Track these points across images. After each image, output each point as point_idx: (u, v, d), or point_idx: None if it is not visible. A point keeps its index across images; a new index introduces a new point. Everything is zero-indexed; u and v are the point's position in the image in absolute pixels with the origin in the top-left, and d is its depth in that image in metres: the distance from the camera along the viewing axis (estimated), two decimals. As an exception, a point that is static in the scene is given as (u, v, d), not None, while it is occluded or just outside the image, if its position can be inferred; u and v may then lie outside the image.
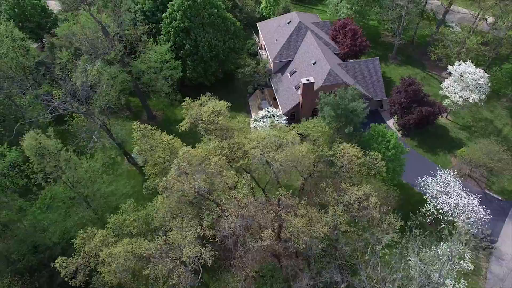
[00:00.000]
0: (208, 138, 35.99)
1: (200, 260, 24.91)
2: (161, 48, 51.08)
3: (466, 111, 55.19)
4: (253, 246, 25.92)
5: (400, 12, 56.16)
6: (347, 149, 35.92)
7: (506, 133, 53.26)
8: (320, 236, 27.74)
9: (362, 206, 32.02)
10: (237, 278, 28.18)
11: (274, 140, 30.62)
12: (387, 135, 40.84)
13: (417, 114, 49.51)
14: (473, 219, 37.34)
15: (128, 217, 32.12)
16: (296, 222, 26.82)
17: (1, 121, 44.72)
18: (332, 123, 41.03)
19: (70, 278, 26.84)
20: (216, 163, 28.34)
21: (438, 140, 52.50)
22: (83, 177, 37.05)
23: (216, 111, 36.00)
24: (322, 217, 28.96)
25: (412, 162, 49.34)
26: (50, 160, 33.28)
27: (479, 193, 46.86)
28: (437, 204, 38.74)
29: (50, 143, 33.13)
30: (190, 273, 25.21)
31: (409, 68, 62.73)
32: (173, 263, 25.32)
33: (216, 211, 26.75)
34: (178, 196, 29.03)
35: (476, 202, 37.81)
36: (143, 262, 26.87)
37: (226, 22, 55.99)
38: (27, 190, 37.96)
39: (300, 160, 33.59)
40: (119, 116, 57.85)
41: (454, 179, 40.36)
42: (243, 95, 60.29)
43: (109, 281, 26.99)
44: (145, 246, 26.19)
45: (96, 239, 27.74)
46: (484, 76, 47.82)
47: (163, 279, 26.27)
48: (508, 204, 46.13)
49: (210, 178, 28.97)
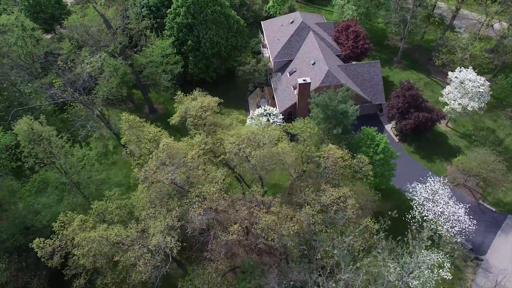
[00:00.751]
0: (195, 132, 36.68)
1: (165, 249, 25.61)
2: (163, 42, 52.16)
3: (468, 119, 54.05)
4: (222, 240, 26.44)
5: (404, 16, 55.31)
6: (332, 151, 35.96)
7: (507, 143, 51.83)
8: (292, 235, 27.94)
9: (339, 207, 32.07)
10: (207, 271, 28.78)
11: (249, 136, 30.98)
12: (376, 138, 40.54)
13: (414, 120, 48.83)
14: (457, 228, 36.67)
15: (111, 204, 33.20)
16: (267, 219, 27.17)
17: (5, 107, 46.73)
18: (322, 123, 41.02)
19: (46, 259, 28.07)
20: (193, 157, 28.97)
21: (436, 147, 51.60)
22: (74, 163, 38.44)
23: (204, 106, 36.66)
24: (295, 215, 29.16)
25: (406, 168, 48.90)
26: (41, 145, 34.69)
27: (473, 203, 46.01)
28: (422, 211, 38.23)
29: (42, 129, 34.52)
30: (157, 261, 25.94)
31: (413, 73, 61.74)
32: (141, 250, 26.13)
33: (186, 203, 27.41)
34: (158, 187, 29.92)
35: (462, 212, 37.12)
36: (117, 248, 27.81)
37: (229, 19, 56.58)
38: (20, 173, 39.64)
39: (280, 158, 33.91)
40: (121, 108, 59.49)
41: (443, 187, 39.68)
42: (244, 92, 60.81)
43: (84, 264, 28.04)
44: (117, 233, 27.07)
45: (74, 224, 28.86)
46: (485, 84, 46.68)
47: (133, 266, 27.14)
48: (502, 217, 45.00)
49: (188, 171, 29.66)
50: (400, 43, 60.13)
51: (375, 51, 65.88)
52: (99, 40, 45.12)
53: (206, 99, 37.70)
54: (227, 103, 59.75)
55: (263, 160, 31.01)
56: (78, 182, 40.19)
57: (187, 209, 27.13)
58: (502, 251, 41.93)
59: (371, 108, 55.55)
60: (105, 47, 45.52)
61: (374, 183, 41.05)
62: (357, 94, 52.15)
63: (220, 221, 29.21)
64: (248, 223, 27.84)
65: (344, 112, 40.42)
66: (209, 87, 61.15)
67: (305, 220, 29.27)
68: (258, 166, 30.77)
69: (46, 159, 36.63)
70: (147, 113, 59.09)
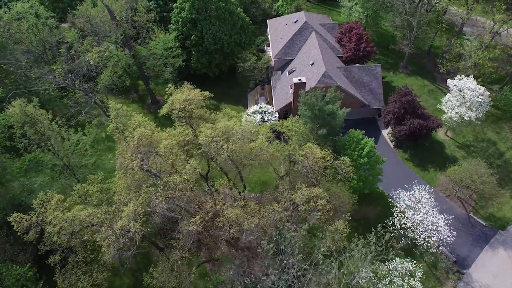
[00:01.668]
0: (178, 124, 37.62)
1: (129, 234, 26.67)
2: (166, 36, 53.54)
3: (469, 129, 52.52)
4: (185, 229, 27.27)
5: (408, 20, 54.19)
6: (311, 150, 36.04)
7: (508, 157, 50.04)
8: (253, 229, 28.38)
9: (310, 207, 32.22)
10: (172, 258, 29.69)
11: (224, 130, 31.61)
12: (361, 142, 40.21)
13: (409, 126, 47.96)
14: (435, 238, 35.95)
15: (93, 187, 34.67)
16: (229, 212, 27.74)
17: (13, 90, 49.34)
18: (308, 123, 41.07)
19: (22, 233, 29.78)
20: (165, 147, 29.91)
21: (432, 156, 50.47)
22: (66, 147, 40.28)
23: (189, 99, 37.52)
24: (260, 210, 29.55)
25: (398, 175, 48.16)
26: (34, 127, 36.63)
27: (463, 216, 44.87)
28: (402, 219, 37.70)
29: (34, 112, 36.42)
30: (120, 244, 27.03)
31: (418, 79, 60.44)
32: (107, 232, 27.32)
33: (151, 191, 28.38)
34: (132, 174, 31.08)
35: (442, 222, 36.32)
36: (87, 229, 29.15)
37: (234, 16, 57.25)
38: (17, 154, 41.84)
39: (257, 154, 34.34)
40: (125, 98, 61.41)
41: (427, 196, 38.92)
42: (245, 89, 61.42)
43: (57, 242, 29.54)
44: (87, 214, 28.37)
45: (52, 202, 30.43)
46: (485, 93, 45.26)
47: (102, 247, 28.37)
48: (492, 232, 43.63)
49: (161, 161, 30.63)
50: (406, 48, 58.96)
51: (381, 55, 64.99)
52: (102, 30, 46.82)
53: (192, 92, 38.48)
54: (228, 99, 60.71)
55: (237, 154, 31.52)
56: (70, 165, 42.10)
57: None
58: (487, 267, 40.72)
59: (369, 112, 54.92)
60: (107, 38, 47.18)
61: (357, 186, 40.80)
62: (354, 97, 51.78)
63: (190, 212, 30.04)
64: (212, 215, 28.51)
65: (331, 113, 40.32)
66: (211, 82, 62.42)
67: (272, 216, 29.59)
68: (234, 159, 31.33)
69: (39, 141, 38.58)
70: (150, 104, 60.71)
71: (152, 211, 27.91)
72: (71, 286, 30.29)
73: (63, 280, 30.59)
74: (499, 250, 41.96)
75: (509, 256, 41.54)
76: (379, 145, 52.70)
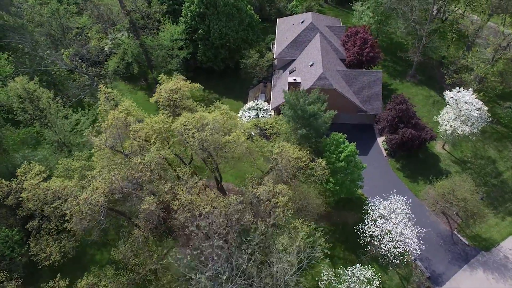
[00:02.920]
0: (162, 112, 39.32)
1: (92, 206, 28.67)
2: (174, 28, 55.69)
3: (469, 145, 50.64)
4: (140, 208, 28.95)
5: (415, 27, 52.81)
6: (284, 148, 36.50)
7: (506, 177, 47.75)
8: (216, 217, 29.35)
9: (270, 203, 32.81)
10: (133, 235, 31.42)
11: (198, 120, 32.87)
12: (341, 145, 40.06)
13: (401, 135, 47.01)
14: (400, 250, 35.31)
15: (76, 163, 37.16)
16: (183, 197, 29.04)
17: (25, 69, 53.13)
18: (290, 122, 41.45)
19: (2, 198, 32.64)
20: (135, 131, 31.70)
21: (424, 168, 49.08)
22: (62, 124, 43.23)
23: (174, 88, 39.14)
24: (216, 200, 30.52)
25: (385, 184, 47.26)
26: (32, 103, 39.72)
27: (447, 233, 43.55)
28: (370, 227, 37.30)
29: (34, 89, 39.47)
30: (82, 215, 29.07)
31: (424, 89, 58.74)
32: (73, 202, 29.48)
33: (114, 168, 30.21)
34: (106, 153, 33.15)
35: (411, 234, 35.55)
36: (58, 199, 31.48)
37: (242, 13, 58.32)
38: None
39: (231, 147, 35.31)
40: (134, 85, 64.31)
41: (403, 206, 38.16)
42: (248, 85, 62.41)
43: (32, 208, 32.11)
44: (59, 185, 30.67)
45: (32, 172, 33.07)
46: (482, 108, 43.49)
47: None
48: (474, 252, 42.00)
49: (136, 143, 32.46)
50: (413, 56, 57.51)
51: (390, 62, 63.76)
52: (110, 18, 49.55)
53: (180, 83, 40.04)
54: (230, 93, 62.01)
55: (209, 143, 32.68)
56: (68, 143, 45.10)
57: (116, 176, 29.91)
58: (462, 286, 39.37)
59: (366, 118, 54.20)
60: (115, 25, 49.87)
61: (334, 190, 40.74)
62: (350, 101, 51.36)
63: (153, 192, 31.66)
64: (169, 199, 29.93)
65: (314, 114, 40.45)
66: (217, 75, 64.05)
67: (221, 206, 30.46)
68: (207, 148, 32.57)
69: (39, 117, 41.71)
70: (155, 92, 63.16)
71: (115, 189, 29.69)
72: (42, 250, 32.79)
73: (35, 244, 33.18)
74: (477, 271, 40.40)
75: (487, 278, 39.91)
76: (372, 152, 52.06)
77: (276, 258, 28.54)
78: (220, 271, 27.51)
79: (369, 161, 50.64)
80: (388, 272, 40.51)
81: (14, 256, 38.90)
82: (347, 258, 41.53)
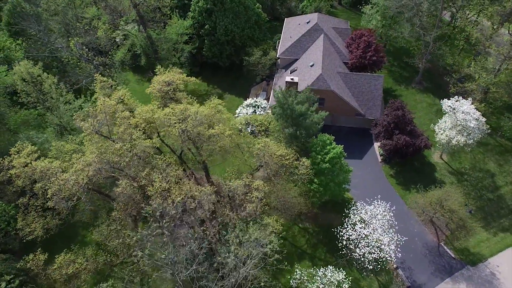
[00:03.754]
0: (154, 103, 40.53)
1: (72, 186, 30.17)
2: (182, 22, 57.02)
3: (468, 156, 49.17)
4: (116, 191, 30.23)
5: (419, 32, 51.62)
6: (267, 145, 36.81)
7: (503, 192, 46.07)
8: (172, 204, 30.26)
9: (245, 197, 33.30)
10: (112, 218, 32.77)
11: (182, 111, 33.82)
12: (327, 147, 39.93)
13: (395, 142, 46.25)
14: (375, 256, 34.90)
15: (68, 146, 38.96)
16: (157, 184, 30.06)
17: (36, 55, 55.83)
18: (279, 120, 41.71)
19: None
20: (121, 118, 32.97)
21: (418, 177, 48.03)
22: (64, 109, 45.32)
23: (167, 81, 40.26)
24: (186, 189, 31.31)
25: (376, 189, 46.55)
26: (35, 86, 41.93)
27: (433, 244, 42.60)
28: (349, 230, 37.06)
29: (37, 72, 41.63)
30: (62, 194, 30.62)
31: (429, 97, 57.34)
32: (55, 182, 31.09)
33: (95, 151, 31.61)
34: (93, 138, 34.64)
35: (387, 241, 35.06)
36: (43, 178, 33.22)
37: (248, 11, 58.86)
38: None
39: (214, 140, 36.03)
40: (143, 76, 66.18)
41: (385, 212, 37.67)
42: (251, 82, 62.92)
43: (20, 185, 34.01)
44: (44, 165, 32.39)
45: (24, 151, 35.00)
46: (480, 119, 42.15)
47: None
48: (459, 265, 40.88)
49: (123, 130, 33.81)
50: (418, 62, 56.26)
51: (398, 67, 62.64)
52: (118, 10, 51.37)
53: (173, 75, 41.11)
54: (233, 90, 62.75)
55: (191, 134, 33.55)
56: (70, 128, 47.23)
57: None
58: (441, 299, 38.52)
59: (365, 122, 53.53)
60: (122, 17, 51.66)
61: (318, 191, 40.68)
62: (348, 104, 50.93)
63: (132, 177, 32.88)
64: (146, 184, 31.01)
65: (302, 114, 40.54)
66: (222, 71, 64.90)
67: (200, 196, 31.21)
68: (190, 138, 33.49)
69: (42, 100, 43.90)
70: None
71: (95, 171, 31.07)
72: (27, 225, 34.67)
73: (22, 219, 35.10)
74: (460, 285, 39.34)
75: (469, 293, 38.85)
76: (367, 156, 51.47)
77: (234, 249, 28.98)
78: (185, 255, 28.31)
79: (363, 166, 50.29)
80: (367, 278, 40.16)
81: (9, 230, 41.27)
82: (328, 260, 41.40)
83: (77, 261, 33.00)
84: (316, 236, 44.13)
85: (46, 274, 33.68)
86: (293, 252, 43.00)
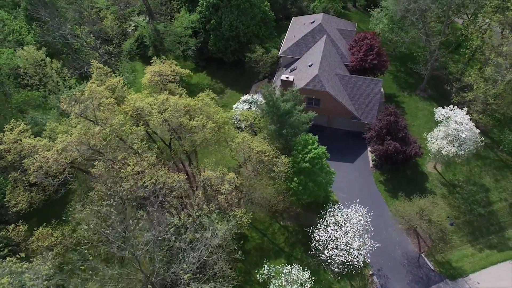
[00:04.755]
0: (145, 92, 41.84)
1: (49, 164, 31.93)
2: (187, 16, 58.31)
3: (464, 169, 47.50)
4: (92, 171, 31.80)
5: (422, 37, 50.15)
6: (245, 140, 37.23)
7: (495, 208, 44.21)
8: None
9: (216, 188, 33.98)
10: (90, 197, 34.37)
11: (162, 101, 34.92)
12: (308, 146, 39.81)
13: (386, 148, 45.39)
14: (342, 259, 34.56)
15: (61, 127, 41.00)
16: (130, 167, 31.34)
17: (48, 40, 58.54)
18: (265, 116, 41.99)
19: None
20: (107, 104, 34.56)
21: (408, 185, 46.91)
22: (65, 92, 47.60)
23: (157, 71, 41.49)
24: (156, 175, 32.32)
25: (363, 194, 46.00)
26: (39, 69, 44.41)
27: (414, 254, 41.64)
28: (321, 231, 36.87)
29: (41, 56, 44.07)
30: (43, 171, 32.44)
31: (432, 105, 55.41)
32: (37, 158, 32.95)
33: (71, 133, 33.18)
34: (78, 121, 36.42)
35: (356, 245, 34.62)
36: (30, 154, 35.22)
37: (254, 8, 59.26)
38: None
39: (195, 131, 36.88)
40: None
41: (361, 217, 37.20)
42: (253, 80, 63.34)
43: (10, 160, 36.20)
44: (29, 142, 34.37)
45: (16, 129, 37.19)
46: (473, 130, 40.65)
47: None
48: (438, 278, 39.78)
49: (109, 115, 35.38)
50: (422, 69, 54.75)
51: (403, 73, 61.23)
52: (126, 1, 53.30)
53: (165, 66, 42.25)
54: (235, 85, 63.41)
55: (170, 123, 34.61)
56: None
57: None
58: (413, 311, 37.64)
59: (360, 126, 52.70)
60: (128, 8, 53.55)
61: (297, 190, 40.66)
62: (343, 107, 50.42)
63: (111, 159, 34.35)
64: (120, 166, 32.36)
65: (287, 112, 40.61)
66: (227, 66, 65.64)
67: (171, 183, 32.20)
68: (170, 126, 34.64)
69: (45, 83, 46.35)
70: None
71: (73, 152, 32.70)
72: (14, 198, 36.86)
73: (10, 192, 37.35)
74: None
75: (443, 308, 37.72)
76: (358, 160, 50.81)
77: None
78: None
79: (353, 170, 49.73)
80: (341, 282, 39.83)
81: (4, 201, 43.95)
82: (304, 260, 41.37)
83: (53, 235, 34.76)
84: (296, 235, 44.14)
85: (26, 245, 35.73)
86: (271, 249, 43.29)
